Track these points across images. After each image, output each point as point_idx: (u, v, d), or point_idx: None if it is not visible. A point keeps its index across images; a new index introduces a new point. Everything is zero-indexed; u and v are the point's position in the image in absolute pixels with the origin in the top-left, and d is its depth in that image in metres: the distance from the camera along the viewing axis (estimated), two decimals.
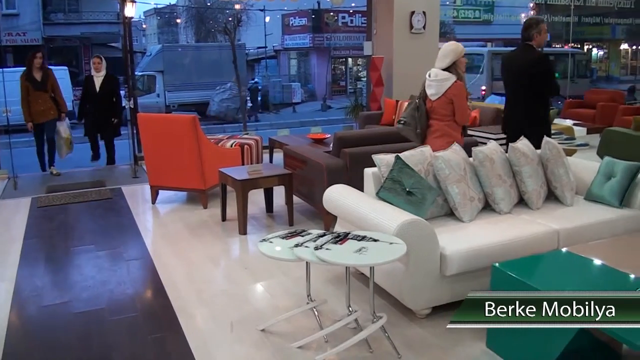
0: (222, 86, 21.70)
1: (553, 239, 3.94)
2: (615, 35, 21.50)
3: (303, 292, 3.72)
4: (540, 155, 4.50)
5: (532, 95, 5.26)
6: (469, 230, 3.95)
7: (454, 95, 4.81)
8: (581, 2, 17.63)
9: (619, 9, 18.47)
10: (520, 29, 5.44)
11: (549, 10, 18.60)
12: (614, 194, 4.38)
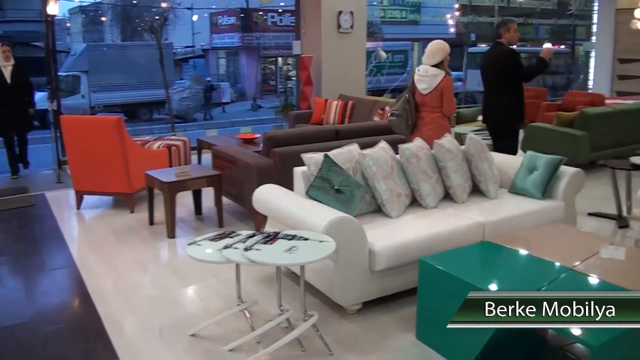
0: (181, 85, 21.61)
1: (478, 231, 4.05)
2: (539, 35, 22.29)
3: (233, 294, 3.68)
4: (464, 151, 4.62)
5: (504, 85, 5.80)
6: (397, 226, 4.01)
7: (444, 87, 5.31)
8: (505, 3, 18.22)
9: (542, 10, 19.19)
10: (445, 29, 5.72)
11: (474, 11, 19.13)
12: (537, 186, 4.56)
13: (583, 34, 18.24)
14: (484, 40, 20.95)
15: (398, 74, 22.06)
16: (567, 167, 4.70)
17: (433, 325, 3.32)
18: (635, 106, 8.67)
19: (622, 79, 13.16)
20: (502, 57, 5.80)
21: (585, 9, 17.70)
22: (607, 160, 6.23)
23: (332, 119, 8.48)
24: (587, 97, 10.63)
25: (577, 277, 3.16)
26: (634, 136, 8.04)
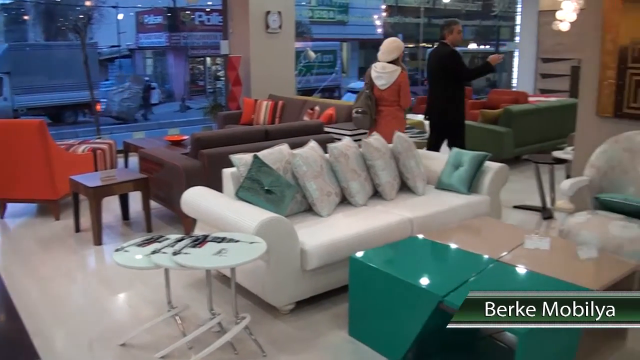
0: (120, 86, 21.10)
1: (407, 227, 4.13)
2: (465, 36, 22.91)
3: (164, 299, 3.61)
4: (392, 149, 4.70)
5: (447, 82, 6.10)
6: (328, 225, 4.03)
7: (401, 83, 5.77)
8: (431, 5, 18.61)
9: (467, 12, 19.69)
10: (372, 30, 5.92)
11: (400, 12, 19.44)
12: (462, 182, 4.69)
13: (507, 35, 18.85)
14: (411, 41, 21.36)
15: (327, 73, 22.21)
16: (492, 162, 4.86)
17: (365, 321, 3.37)
18: (557, 103, 9.04)
19: (544, 77, 13.67)
20: (445, 57, 6.07)
21: (509, 11, 18.30)
22: (530, 155, 6.47)
23: (262, 119, 8.45)
24: (511, 95, 10.98)
25: (503, 267, 3.27)
26: (556, 131, 8.37)
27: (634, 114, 4.84)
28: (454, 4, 18.78)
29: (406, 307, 3.08)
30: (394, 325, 3.17)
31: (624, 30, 4.83)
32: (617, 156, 4.49)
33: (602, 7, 4.94)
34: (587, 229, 4.04)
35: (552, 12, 11.40)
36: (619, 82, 4.91)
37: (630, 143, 4.50)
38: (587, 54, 5.19)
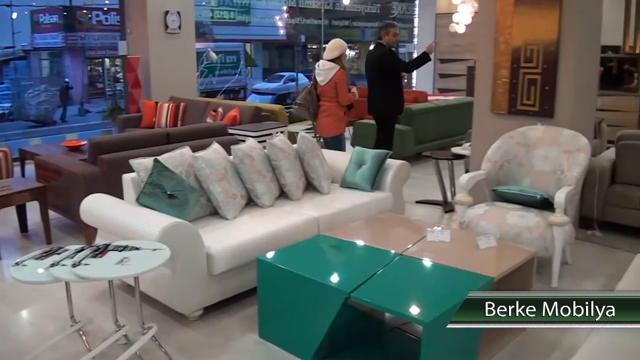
0: (36, 89, 19.95)
1: (313, 226, 4.15)
2: (365, 37, 23.27)
3: (67, 314, 3.43)
4: (296, 150, 4.71)
5: (383, 81, 6.64)
6: (234, 227, 3.98)
7: (337, 80, 5.99)
8: (331, 7, 18.81)
9: (367, 14, 20.04)
10: (275, 31, 6.00)
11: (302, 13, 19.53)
12: (366, 179, 4.78)
13: (406, 36, 19.36)
14: (313, 42, 21.53)
15: (231, 74, 22.00)
16: (394, 160, 4.98)
17: (274, 322, 3.35)
18: (455, 102, 9.38)
19: (443, 77, 14.14)
20: (381, 57, 6.55)
21: (407, 13, 18.78)
22: (431, 152, 6.67)
23: (163, 122, 8.24)
24: (411, 94, 11.25)
25: (407, 261, 3.35)
26: (455, 129, 8.68)
27: (527, 110, 5.10)
28: (353, 6, 19.07)
29: (314, 306, 3.10)
30: (303, 324, 3.18)
31: (516, 32, 5.08)
32: (512, 150, 4.71)
33: (495, 10, 5.17)
34: (485, 220, 4.22)
35: (448, 15, 11.80)
36: (512, 81, 5.16)
37: (524, 138, 4.74)
38: (481, 54, 5.42)
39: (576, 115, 5.00)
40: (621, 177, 5.33)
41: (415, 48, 15.23)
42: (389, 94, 6.69)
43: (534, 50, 5.00)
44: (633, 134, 5.39)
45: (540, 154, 4.64)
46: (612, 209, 5.31)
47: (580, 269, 4.56)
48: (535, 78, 5.02)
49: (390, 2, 18.62)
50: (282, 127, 7.30)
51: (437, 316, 2.71)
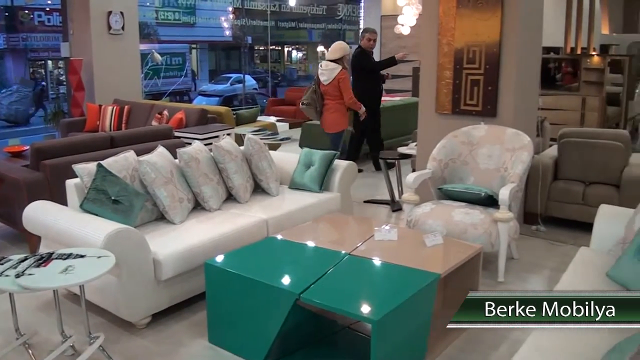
0: (8, 89, 19.28)
1: (262, 228, 4.13)
2: (312, 38, 23.32)
3: (12, 327, 3.32)
4: (243, 152, 4.68)
5: (363, 78, 7.50)
6: (181, 232, 3.93)
7: (340, 79, 6.40)
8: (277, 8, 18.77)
9: (313, 15, 20.07)
10: (221, 32, 6.07)
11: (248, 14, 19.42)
12: (314, 180, 4.79)
13: (352, 38, 19.48)
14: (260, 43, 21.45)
15: (176, 76, 21.70)
16: (341, 160, 5.02)
17: (224, 326, 3.32)
18: (401, 102, 9.49)
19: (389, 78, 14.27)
20: (358, 57, 7.57)
21: (353, 15, 18.90)
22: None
23: (107, 125, 8.07)
24: None
25: (356, 260, 3.38)
26: (401, 129, 8.78)
27: (470, 110, 5.21)
28: (299, 8, 19.08)
29: (264, 308, 3.08)
30: (253, 328, 3.16)
31: (459, 33, 5.18)
32: (457, 149, 4.80)
33: (438, 13, 5.26)
34: (432, 218, 4.28)
35: (394, 17, 11.93)
36: (455, 81, 5.26)
37: (468, 137, 4.84)
38: (425, 56, 5.50)
39: (518, 114, 5.13)
40: (563, 174, 5.51)
41: None
42: (369, 89, 7.46)
43: (476, 51, 5.11)
44: (574, 132, 5.57)
45: (484, 152, 4.75)
46: (555, 204, 5.47)
47: (525, 263, 4.68)
48: (478, 79, 5.13)
49: (336, 3, 18.72)
50: (229, 129, 7.27)
51: (386, 314, 2.74)
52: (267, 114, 12.48)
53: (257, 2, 18.22)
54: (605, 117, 9.59)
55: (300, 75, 24.54)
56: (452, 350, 3.38)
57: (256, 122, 9.72)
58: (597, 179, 5.35)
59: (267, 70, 20.94)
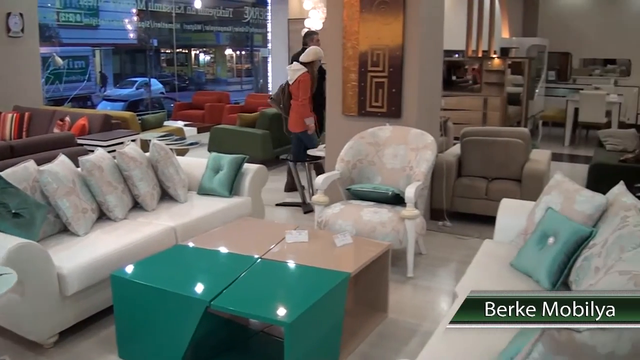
0: None
1: (171, 236, 4.06)
2: (220, 41, 23.08)
3: None
4: (149, 158, 4.58)
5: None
6: (86, 244, 3.78)
7: (300, 80, 6.50)
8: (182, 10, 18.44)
9: (219, 18, 19.86)
10: (125, 34, 5.87)
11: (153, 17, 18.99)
12: (223, 185, 4.75)
13: (260, 41, 19.43)
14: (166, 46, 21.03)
15: (79, 81, 20.91)
16: (251, 164, 4.99)
17: (134, 340, 3.24)
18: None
19: None
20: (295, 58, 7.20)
21: (260, 18, 18.86)
22: (288, 155, 6.76)
23: (7, 133, 7.68)
24: (266, 98, 11.36)
25: (268, 264, 3.39)
26: None
27: (376, 112, 5.34)
28: (205, 10, 18.85)
29: (174, 318, 3.02)
30: (164, 339, 3.09)
31: (363, 37, 5.29)
32: (364, 150, 4.90)
33: (342, 17, 5.35)
34: (342, 218, 4.35)
35: (300, 20, 12.01)
36: (360, 84, 5.37)
37: (375, 138, 4.95)
38: (331, 59, 5.58)
39: (422, 115, 5.30)
40: (466, 171, 5.74)
41: (269, 53, 15.35)
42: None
43: (380, 54, 5.24)
44: (475, 131, 5.82)
45: (390, 152, 4.87)
46: (460, 200, 5.69)
47: (433, 257, 4.85)
48: (382, 81, 5.26)
49: (243, 6, 18.64)
50: (134, 135, 7.09)
51: (298, 316, 2.76)
52: (174, 118, 12.25)
53: (162, 4, 17.85)
54: (506, 116, 10.06)
55: (208, 78, 24.23)
56: (364, 346, 3.46)
57: (163, 127, 9.51)
58: (499, 174, 5.62)
59: (174, 74, 20.55)
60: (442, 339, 2.51)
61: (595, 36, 13.06)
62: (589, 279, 2.62)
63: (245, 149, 6.95)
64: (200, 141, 7.66)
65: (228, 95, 13.46)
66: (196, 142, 7.26)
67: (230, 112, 11.02)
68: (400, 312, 3.87)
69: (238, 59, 25.06)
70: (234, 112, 10.59)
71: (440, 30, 5.77)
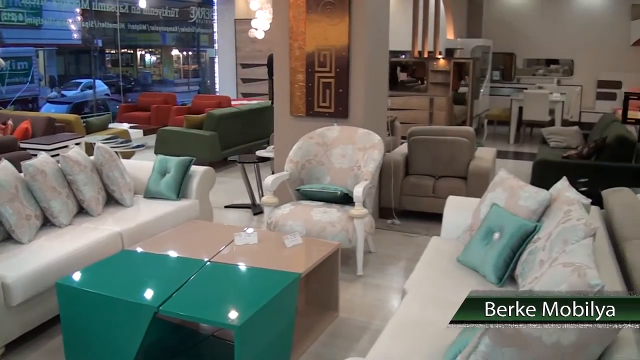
0: None
1: (117, 241, 3.98)
2: (166, 42, 22.76)
3: None
4: (93, 162, 4.48)
5: None
6: (31, 251, 3.66)
7: None
8: (127, 10, 18.12)
9: (165, 18, 19.59)
10: (69, 34, 5.69)
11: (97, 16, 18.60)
12: (170, 188, 4.69)
13: (207, 41, 19.25)
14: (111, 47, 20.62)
15: (22, 82, 20.30)
16: (198, 166, 4.94)
17: (82, 349, 3.17)
18: (258, 105, 9.53)
19: (245, 82, 14.31)
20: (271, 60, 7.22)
21: (206, 18, 18.69)
22: (236, 156, 6.73)
23: None
24: (214, 99, 11.29)
25: (217, 267, 3.36)
26: (259, 132, 8.82)
27: (324, 112, 5.37)
28: (151, 10, 18.57)
29: (122, 325, 2.97)
30: (113, 346, 3.04)
31: (309, 38, 5.31)
32: (313, 150, 4.92)
33: (288, 17, 5.36)
34: (292, 219, 4.36)
35: (247, 20, 11.99)
36: (308, 84, 5.38)
37: (323, 138, 4.97)
38: (278, 60, 5.58)
39: (369, 114, 5.35)
40: (414, 169, 5.83)
41: (216, 53, 15.23)
42: None
43: (327, 55, 5.27)
44: (422, 130, 5.92)
45: (338, 152, 4.90)
46: (407, 198, 5.78)
47: (383, 255, 4.90)
48: (329, 81, 5.29)
49: (189, 6, 18.43)
50: (79, 138, 6.96)
51: (248, 318, 2.75)
52: (120, 120, 12.03)
53: (106, 4, 17.50)
54: (452, 116, 10.27)
55: (155, 79, 23.87)
56: (316, 346, 3.47)
57: (108, 130, 9.31)
58: (445, 172, 5.73)
59: (119, 75, 20.17)
60: (391, 336, 2.55)
61: (539, 37, 13.45)
62: (533, 272, 2.70)
63: (192, 151, 6.89)
64: (146, 143, 7.55)
65: (174, 96, 13.30)
66: (142, 145, 7.15)
67: (177, 114, 10.89)
68: (351, 310, 3.91)
69: (185, 59, 24.76)
70: (180, 114, 10.47)
71: (386, 31, 5.83)
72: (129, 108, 12.84)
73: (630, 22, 12.73)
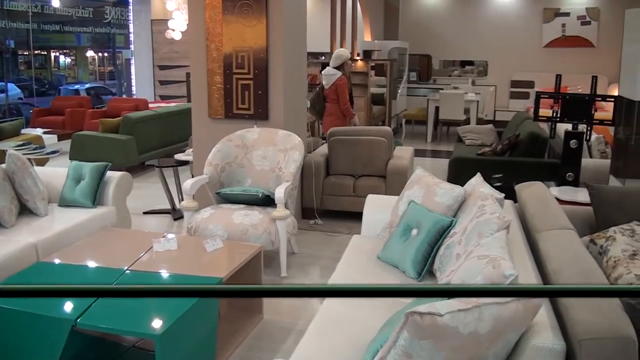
0: None
1: (31, 253, 3.81)
2: (81, 42, 22.05)
3: None
4: (5, 170, 4.29)
5: None
6: None
7: (337, 85, 6.91)
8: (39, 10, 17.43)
9: (79, 18, 18.96)
10: None
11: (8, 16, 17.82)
12: (86, 195, 4.53)
13: (122, 42, 18.78)
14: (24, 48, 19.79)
15: None
16: (114, 172, 4.80)
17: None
18: (176, 108, 9.36)
19: (163, 84, 14.02)
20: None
21: (121, 18, 18.23)
22: (153, 160, 6.59)
23: None
24: (131, 102, 10.99)
25: (136, 275, 3.29)
26: (178, 135, 8.68)
27: (243, 114, 5.35)
28: (64, 10, 17.94)
29: (40, 341, 2.87)
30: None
31: (226, 39, 5.27)
32: (232, 153, 4.89)
33: (205, 18, 5.30)
34: (212, 223, 4.32)
35: (164, 21, 11.75)
36: (226, 86, 5.34)
37: (243, 140, 4.95)
38: (195, 61, 5.51)
39: (288, 116, 5.38)
40: (334, 169, 5.90)
41: (132, 54, 14.87)
42: None
43: (245, 56, 5.25)
44: (342, 131, 5.99)
45: (258, 154, 4.90)
46: (329, 198, 5.84)
47: (306, 256, 4.93)
48: (248, 83, 5.28)
49: (103, 6, 17.93)
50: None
51: (168, 327, 2.71)
52: (33, 125, 11.52)
53: (18, 3, 16.77)
54: (371, 116, 10.44)
55: (69, 82, 23.08)
56: (241, 350, 3.47)
57: (20, 136, 8.90)
58: (365, 171, 5.82)
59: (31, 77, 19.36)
60: (314, 336, 2.57)
61: (454, 39, 13.86)
62: (451, 266, 2.79)
63: (108, 155, 6.71)
64: (61, 149, 7.26)
65: (89, 100, 12.88)
66: (56, 151, 6.88)
67: (93, 118, 10.55)
68: (275, 312, 3.91)
69: (100, 61, 24.10)
70: (96, 118, 10.15)
71: (304, 33, 5.87)
72: (42, 112, 12.32)
73: (542, 25, 13.32)
